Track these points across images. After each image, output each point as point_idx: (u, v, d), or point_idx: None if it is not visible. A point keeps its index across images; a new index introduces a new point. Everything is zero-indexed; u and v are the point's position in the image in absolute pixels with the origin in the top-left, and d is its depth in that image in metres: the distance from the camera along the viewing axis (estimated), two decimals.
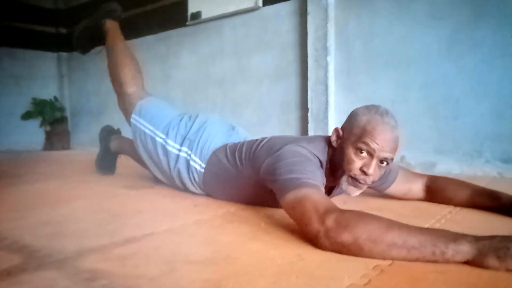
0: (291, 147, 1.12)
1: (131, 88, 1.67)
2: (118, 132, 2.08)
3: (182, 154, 1.45)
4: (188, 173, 1.44)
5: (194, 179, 1.43)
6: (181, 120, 1.54)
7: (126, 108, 1.68)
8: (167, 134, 1.50)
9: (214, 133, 1.47)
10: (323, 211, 0.86)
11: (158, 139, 1.52)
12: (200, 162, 1.41)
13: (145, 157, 1.60)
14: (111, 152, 2.03)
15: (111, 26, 1.83)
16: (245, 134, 1.58)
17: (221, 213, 1.23)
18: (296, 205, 0.93)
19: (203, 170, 1.40)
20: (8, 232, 1.03)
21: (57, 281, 0.71)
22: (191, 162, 1.42)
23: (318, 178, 1.02)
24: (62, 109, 4.21)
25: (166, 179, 1.59)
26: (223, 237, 0.98)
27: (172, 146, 1.48)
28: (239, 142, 1.37)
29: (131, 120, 1.62)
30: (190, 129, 1.49)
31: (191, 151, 1.43)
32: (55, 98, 4.21)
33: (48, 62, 4.27)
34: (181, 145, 1.46)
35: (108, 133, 2.05)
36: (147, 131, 1.55)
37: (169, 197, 1.48)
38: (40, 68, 4.21)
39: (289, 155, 1.07)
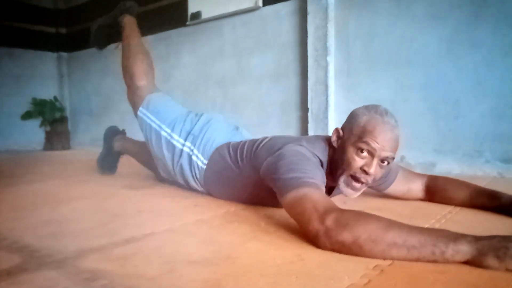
0: (292, 146, 1.12)
1: (141, 82, 1.68)
2: (123, 133, 2.11)
3: (186, 149, 1.46)
4: (191, 169, 1.45)
5: (196, 175, 1.44)
6: (187, 116, 1.56)
7: (134, 101, 1.68)
8: (172, 129, 1.52)
9: (218, 131, 1.48)
10: (323, 210, 0.86)
11: (163, 133, 1.53)
12: (202, 159, 1.42)
13: (152, 151, 1.60)
14: (115, 152, 2.04)
15: (129, 21, 1.85)
16: (248, 135, 1.58)
17: (221, 213, 1.23)
18: (296, 204, 0.93)
19: (204, 167, 1.41)
20: (8, 232, 1.03)
21: (57, 281, 0.71)
22: (194, 158, 1.43)
23: (319, 177, 1.02)
24: (62, 109, 4.21)
25: (169, 175, 1.60)
26: (223, 237, 0.99)
27: (177, 141, 1.49)
28: (241, 141, 1.38)
29: (138, 113, 1.63)
30: (195, 125, 1.51)
31: (194, 146, 1.45)
32: (55, 98, 4.21)
33: (48, 62, 4.27)
34: (185, 140, 1.48)
35: (113, 133, 2.07)
36: (153, 125, 1.57)
37: (169, 197, 1.48)
38: (40, 68, 4.21)
39: (290, 154, 1.08)
